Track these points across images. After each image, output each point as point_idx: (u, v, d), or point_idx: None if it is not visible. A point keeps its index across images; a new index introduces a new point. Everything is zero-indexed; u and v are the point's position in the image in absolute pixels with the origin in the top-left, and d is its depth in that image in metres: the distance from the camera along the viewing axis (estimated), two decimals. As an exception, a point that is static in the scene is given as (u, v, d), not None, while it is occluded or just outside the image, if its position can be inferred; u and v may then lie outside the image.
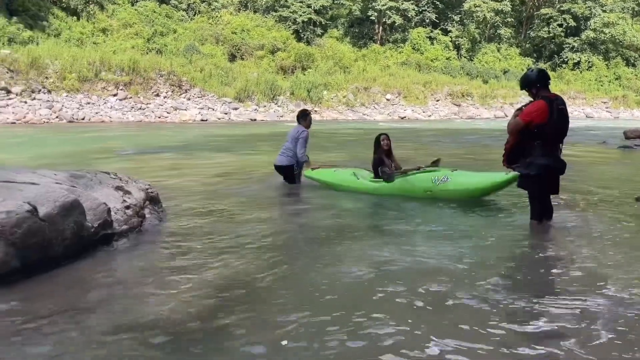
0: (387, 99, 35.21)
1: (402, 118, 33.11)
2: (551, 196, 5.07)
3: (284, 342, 2.46)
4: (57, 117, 22.47)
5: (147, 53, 30.22)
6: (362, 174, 6.84)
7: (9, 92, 22.51)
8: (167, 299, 3.02)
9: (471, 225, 5.14)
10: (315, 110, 30.98)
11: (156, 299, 3.02)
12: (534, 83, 4.75)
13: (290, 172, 7.26)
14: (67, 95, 24.11)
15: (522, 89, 4.93)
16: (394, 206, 6.03)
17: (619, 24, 47.06)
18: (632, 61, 49.60)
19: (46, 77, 24.27)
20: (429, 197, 6.16)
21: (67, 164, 8.85)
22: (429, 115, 34.70)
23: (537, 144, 4.68)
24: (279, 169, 7.35)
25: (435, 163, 6.89)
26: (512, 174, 5.82)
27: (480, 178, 6.21)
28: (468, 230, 4.89)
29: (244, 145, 14.14)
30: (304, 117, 7.49)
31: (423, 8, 43.32)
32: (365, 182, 6.71)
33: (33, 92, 23.26)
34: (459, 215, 5.56)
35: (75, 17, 31.58)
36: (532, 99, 4.79)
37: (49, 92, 23.82)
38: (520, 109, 4.83)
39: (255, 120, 27.28)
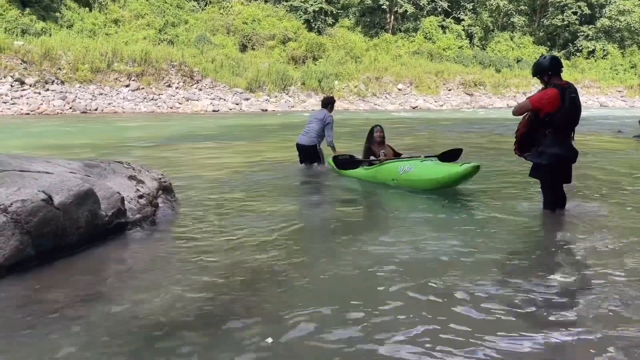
0: (399, 89, 35.00)
1: (414, 108, 32.93)
2: (564, 185, 5.03)
3: (269, 340, 2.40)
4: (70, 107, 22.65)
5: (158, 44, 30.27)
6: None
7: (22, 83, 22.72)
8: (177, 289, 3.04)
9: (484, 215, 5.10)
10: (327, 100, 30.86)
11: (167, 289, 3.05)
12: (546, 70, 4.70)
13: (314, 152, 7.64)
14: (80, 86, 24.27)
15: (534, 75, 4.88)
16: (409, 197, 6.02)
17: (634, 12, 46.24)
18: (649, 49, 48.78)
19: (59, 68, 24.44)
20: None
21: (81, 154, 8.94)
22: (441, 105, 34.46)
23: (549, 132, 4.64)
24: (302, 148, 7.66)
25: (453, 152, 6.92)
26: (466, 166, 5.80)
27: (439, 169, 6.13)
28: (480, 221, 4.86)
29: (256, 136, 14.16)
30: (332, 104, 7.99)
31: (435, -4, 42.88)
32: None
33: (46, 83, 23.44)
34: (472, 206, 5.53)
35: (87, 8, 31.68)
36: (543, 87, 4.74)
37: (62, 83, 23.99)
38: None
39: (266, 110, 27.29)
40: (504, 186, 6.61)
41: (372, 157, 7.00)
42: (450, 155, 7.06)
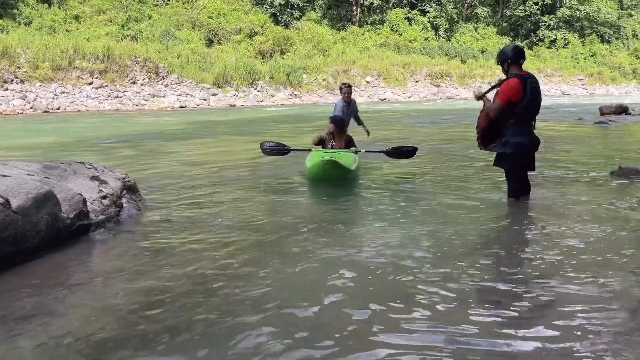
0: (367, 81, 35.13)
1: (382, 100, 33.10)
2: (528, 173, 5.15)
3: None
4: (31, 107, 21.98)
5: (121, 40, 29.60)
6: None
7: (-20, 83, 21.97)
8: (142, 290, 2.98)
9: (449, 206, 5.12)
10: (295, 94, 30.81)
11: (131, 291, 2.98)
12: (507, 59, 4.80)
13: None
14: (40, 85, 23.57)
15: (498, 63, 4.99)
16: (375, 190, 6.03)
17: (593, 1, 47.48)
18: (607, 38, 50.21)
19: (18, 67, 23.69)
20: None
21: (42, 155, 8.69)
22: (409, 97, 34.74)
23: (512, 122, 4.74)
24: None
25: (404, 150, 7.13)
26: (317, 160, 6.01)
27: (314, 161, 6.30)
28: (446, 212, 4.87)
29: (225, 132, 14.01)
30: (341, 90, 8.16)
31: (400, -12, 43.10)
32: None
33: (5, 82, 22.70)
34: (437, 197, 5.57)
35: (46, 4, 30.76)
36: (504, 76, 4.84)
37: (22, 82, 23.27)
38: (494, 86, 4.87)
39: (234, 105, 27.03)
40: (469, 176, 6.71)
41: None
42: (401, 153, 7.20)
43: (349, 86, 8.26)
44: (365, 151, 7.07)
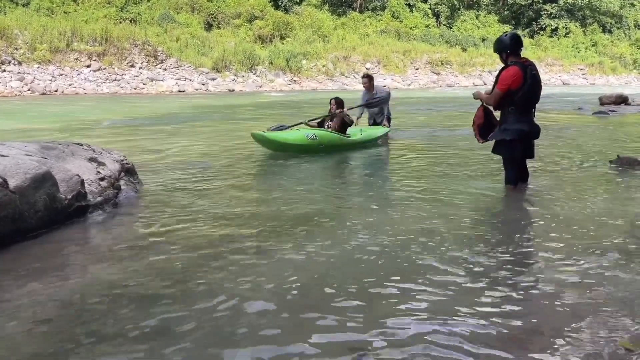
0: (367, 68, 34.93)
1: (383, 87, 32.93)
2: (527, 161, 5.16)
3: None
4: (29, 89, 21.87)
5: (120, 22, 29.38)
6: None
7: (-23, 64, 21.81)
8: (139, 271, 2.99)
9: (446, 192, 5.10)
10: (295, 80, 30.66)
11: (128, 272, 2.98)
12: (506, 48, 4.78)
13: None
14: (38, 67, 23.43)
15: (495, 51, 4.96)
16: (373, 178, 6.03)
17: (596, -10, 47.23)
18: (609, 27, 50.02)
19: (16, 48, 23.52)
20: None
21: (39, 136, 8.66)
22: (409, 84, 34.62)
23: (511, 109, 4.74)
24: None
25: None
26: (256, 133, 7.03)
27: None
28: (442, 198, 4.85)
29: (224, 117, 13.96)
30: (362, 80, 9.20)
31: (402, -26, 42.73)
32: None
33: (2, 63, 22.56)
34: (434, 184, 5.56)
35: (43, -15, 30.45)
36: (503, 66, 4.82)
37: (20, 63, 23.13)
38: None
39: (233, 90, 26.90)
40: (465, 163, 6.71)
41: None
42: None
43: (365, 76, 9.20)
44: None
